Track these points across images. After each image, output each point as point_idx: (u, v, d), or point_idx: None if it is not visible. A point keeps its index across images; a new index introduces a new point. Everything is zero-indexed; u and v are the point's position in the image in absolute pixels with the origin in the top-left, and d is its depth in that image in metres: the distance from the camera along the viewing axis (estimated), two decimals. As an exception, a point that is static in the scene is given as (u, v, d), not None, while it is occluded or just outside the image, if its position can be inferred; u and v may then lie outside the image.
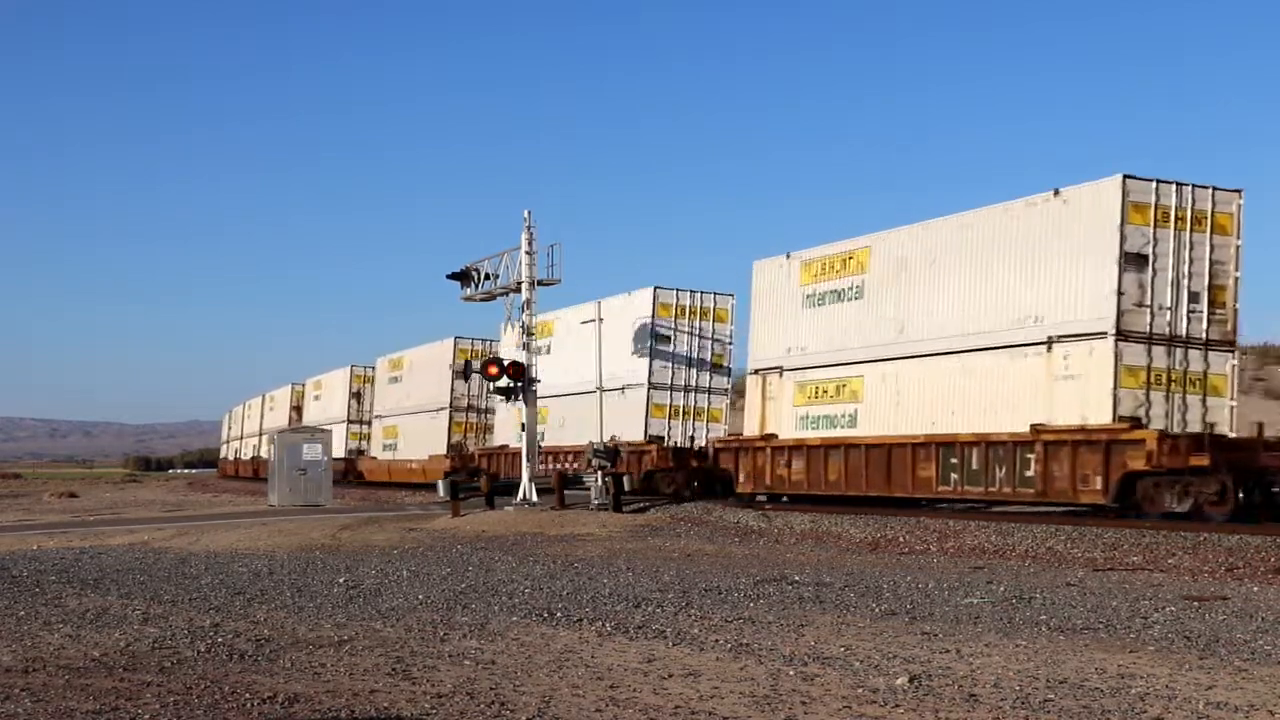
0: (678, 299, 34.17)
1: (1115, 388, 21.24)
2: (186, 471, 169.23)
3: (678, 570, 16.91)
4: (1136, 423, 21.08)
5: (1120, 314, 21.26)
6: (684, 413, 34.40)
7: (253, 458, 77.85)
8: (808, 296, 28.41)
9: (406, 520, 29.14)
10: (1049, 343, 22.37)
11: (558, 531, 25.31)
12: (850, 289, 27.21)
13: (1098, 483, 21.26)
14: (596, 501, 30.21)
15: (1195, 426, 21.72)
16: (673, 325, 34.11)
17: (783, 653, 9.74)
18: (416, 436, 52.66)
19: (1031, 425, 22.28)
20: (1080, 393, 21.74)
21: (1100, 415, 21.32)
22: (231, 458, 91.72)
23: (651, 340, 33.75)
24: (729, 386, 34.65)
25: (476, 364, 32.85)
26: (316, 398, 67.57)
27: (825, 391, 27.69)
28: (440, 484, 33.65)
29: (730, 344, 34.77)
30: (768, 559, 18.92)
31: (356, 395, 62.45)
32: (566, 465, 35.49)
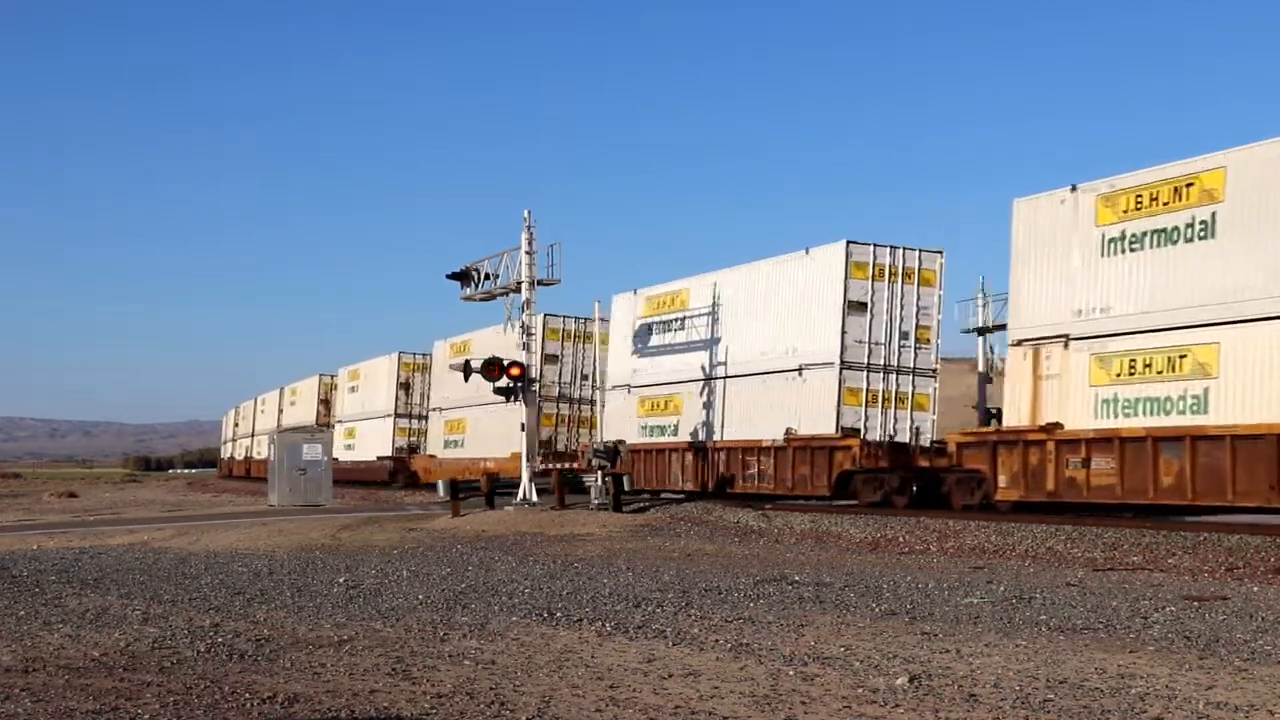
0: (875, 257, 28.85)
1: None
2: (186, 471, 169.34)
3: (678, 570, 16.91)
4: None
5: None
6: (884, 399, 28.95)
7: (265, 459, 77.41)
8: (1112, 240, 21.84)
9: (406, 520, 29.14)
10: None
11: (558, 531, 25.31)
12: (1190, 225, 20.61)
13: None
14: (596, 501, 30.21)
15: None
16: (869, 290, 28.80)
17: (783, 653, 9.74)
18: (491, 431, 44.93)
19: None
20: None
21: None
22: (240, 457, 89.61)
23: (844, 309, 28.72)
24: (936, 366, 29.90)
25: (476, 363, 32.79)
26: (353, 389, 62.12)
27: (1148, 365, 20.94)
28: (440, 484, 33.65)
29: (939, 314, 29.98)
30: (768, 559, 18.92)
31: (405, 386, 56.69)
32: (749, 467, 31.19)
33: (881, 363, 28.72)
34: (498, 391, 32.34)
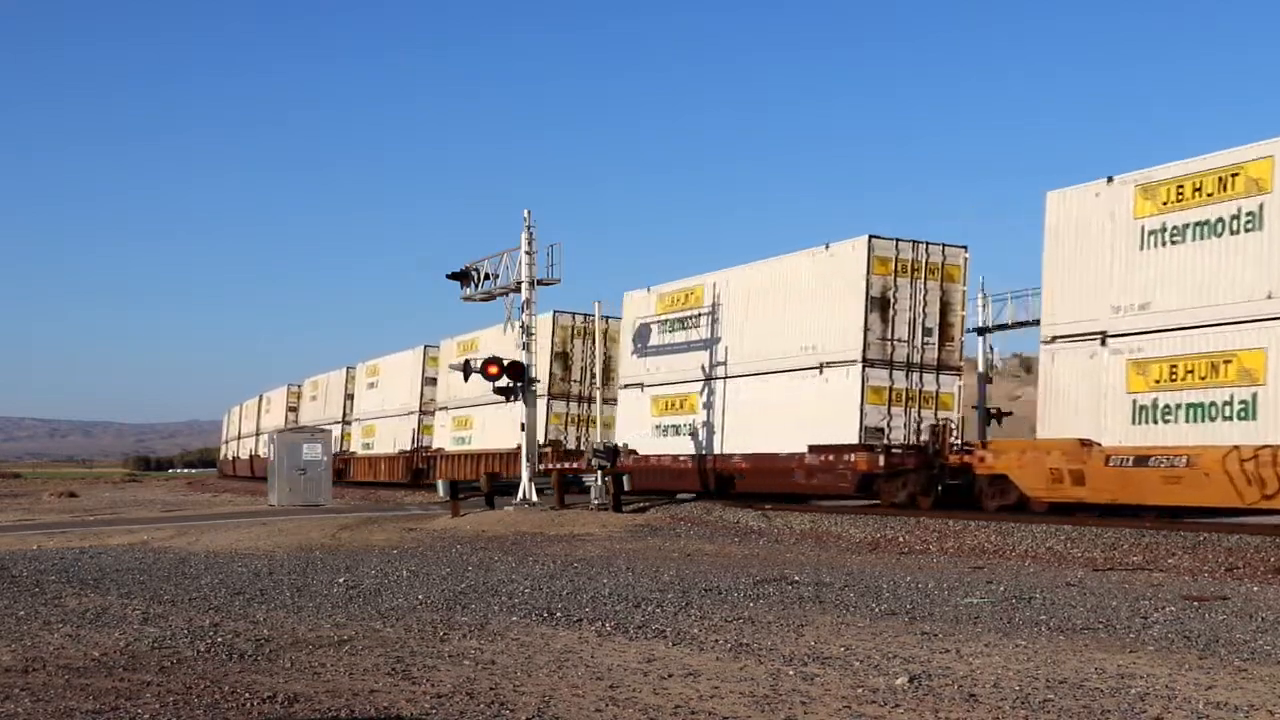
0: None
1: None
2: (186, 471, 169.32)
3: (678, 570, 16.90)
4: None
5: None
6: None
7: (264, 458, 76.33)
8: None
9: (406, 520, 29.14)
10: None
11: (558, 531, 25.31)
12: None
13: None
14: (596, 501, 30.20)
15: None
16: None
17: (783, 653, 9.74)
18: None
19: None
20: None
21: None
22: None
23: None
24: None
25: (477, 363, 32.79)
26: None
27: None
28: (440, 484, 33.67)
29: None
30: (768, 559, 18.92)
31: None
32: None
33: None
34: (498, 391, 32.35)
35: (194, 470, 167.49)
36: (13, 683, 8.71)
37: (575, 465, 35.01)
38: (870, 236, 28.16)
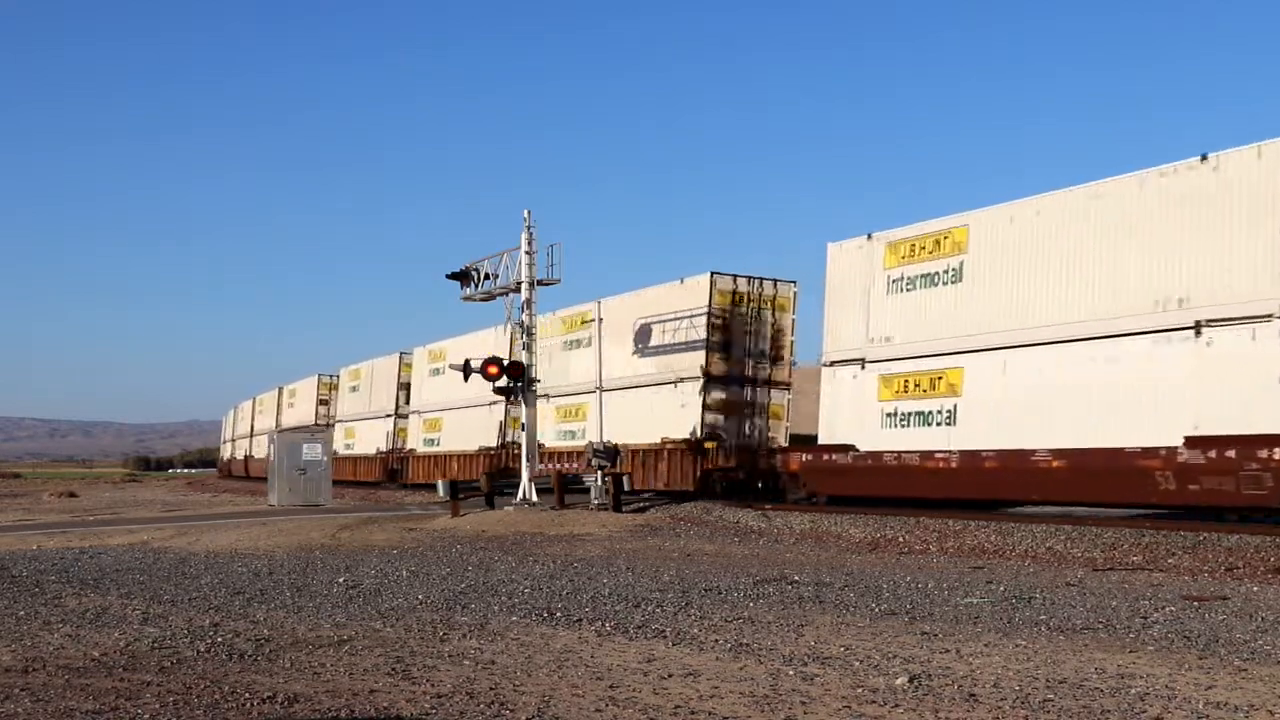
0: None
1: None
2: (186, 471, 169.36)
3: (677, 570, 16.91)
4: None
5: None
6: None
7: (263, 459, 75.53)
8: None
9: (406, 520, 29.14)
10: None
11: (557, 531, 25.32)
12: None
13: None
14: (596, 501, 30.20)
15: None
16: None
17: (783, 653, 9.74)
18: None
19: None
20: None
21: None
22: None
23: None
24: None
25: (476, 363, 32.79)
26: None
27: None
28: (440, 484, 33.68)
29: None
30: (768, 559, 18.92)
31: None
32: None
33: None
34: (498, 391, 32.39)
35: (194, 470, 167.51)
36: (13, 683, 8.71)
37: (743, 467, 32.73)
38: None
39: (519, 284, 32.32)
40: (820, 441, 28.15)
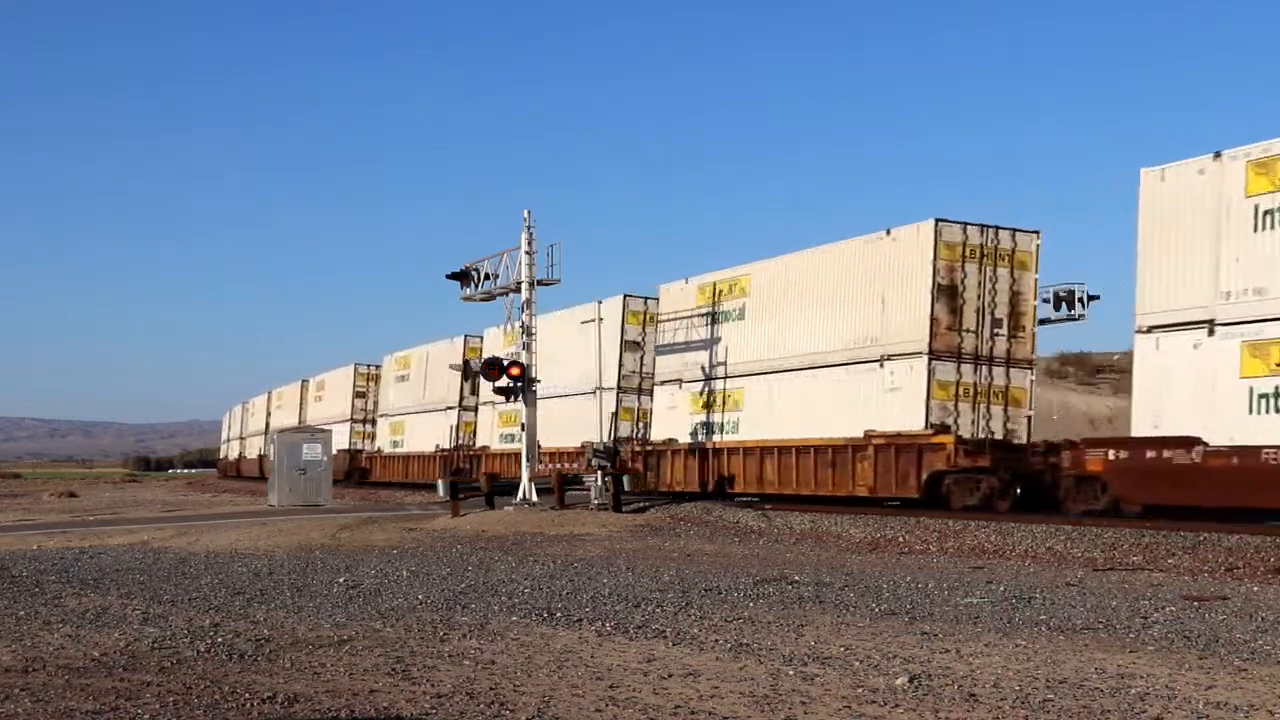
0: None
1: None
2: (186, 471, 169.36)
3: (678, 570, 16.90)
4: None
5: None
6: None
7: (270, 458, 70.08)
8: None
9: (406, 520, 29.14)
10: None
11: (558, 531, 25.31)
12: None
13: None
14: (596, 501, 30.20)
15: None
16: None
17: (783, 653, 9.74)
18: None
19: None
20: None
21: None
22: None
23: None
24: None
25: (476, 363, 32.79)
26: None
27: None
28: (440, 484, 33.67)
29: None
30: (768, 559, 18.92)
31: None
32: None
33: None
34: (498, 391, 32.37)
35: (194, 470, 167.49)
36: (13, 683, 8.71)
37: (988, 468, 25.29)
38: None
39: (519, 284, 32.33)
40: (1136, 433, 21.14)
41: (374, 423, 59.35)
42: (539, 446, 33.17)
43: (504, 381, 31.73)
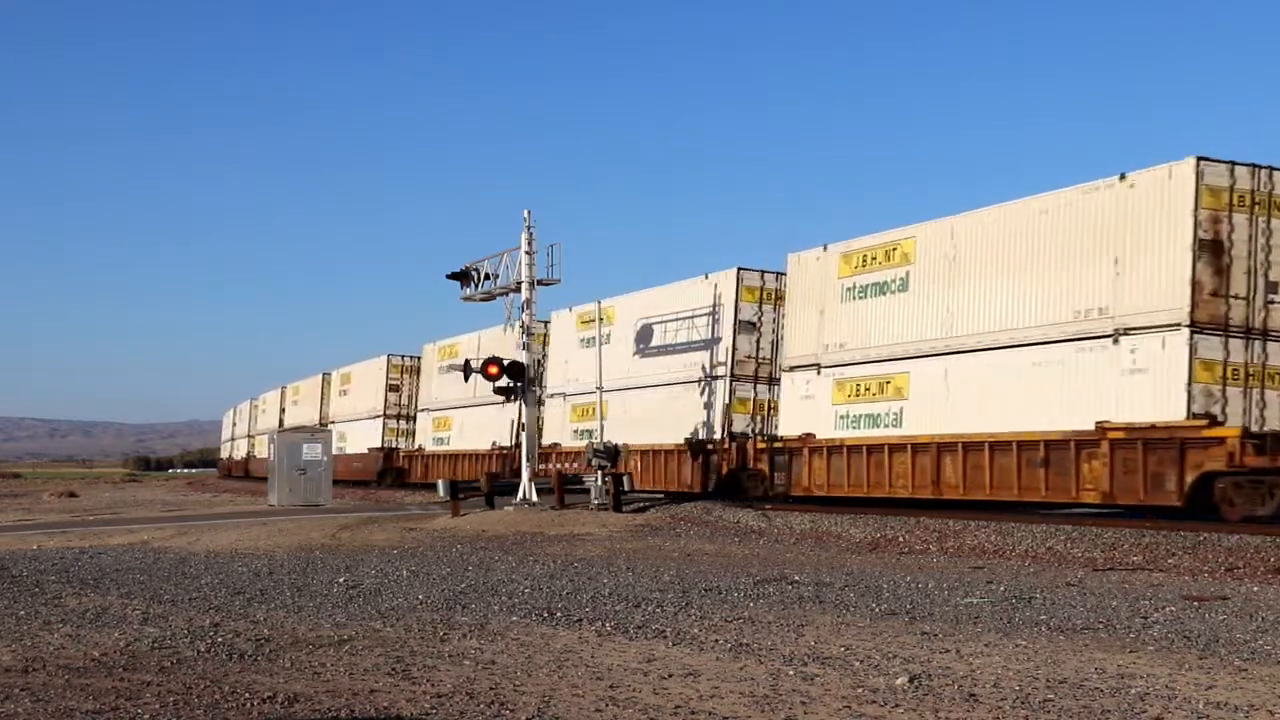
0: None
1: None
2: (186, 471, 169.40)
3: (678, 570, 16.90)
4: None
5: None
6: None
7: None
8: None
9: (406, 520, 29.14)
10: None
11: (558, 531, 25.31)
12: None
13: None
14: (596, 501, 30.20)
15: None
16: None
17: (783, 653, 9.74)
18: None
19: None
20: None
21: None
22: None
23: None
24: None
25: (476, 363, 32.80)
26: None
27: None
28: (440, 484, 33.67)
29: None
30: (768, 559, 18.92)
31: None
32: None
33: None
34: (498, 391, 32.37)
35: (194, 470, 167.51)
36: (13, 683, 8.70)
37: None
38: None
39: (519, 284, 32.33)
40: None
41: (412, 418, 54.54)
42: (626, 447, 30.90)
43: (504, 381, 31.73)
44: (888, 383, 26.69)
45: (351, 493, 48.84)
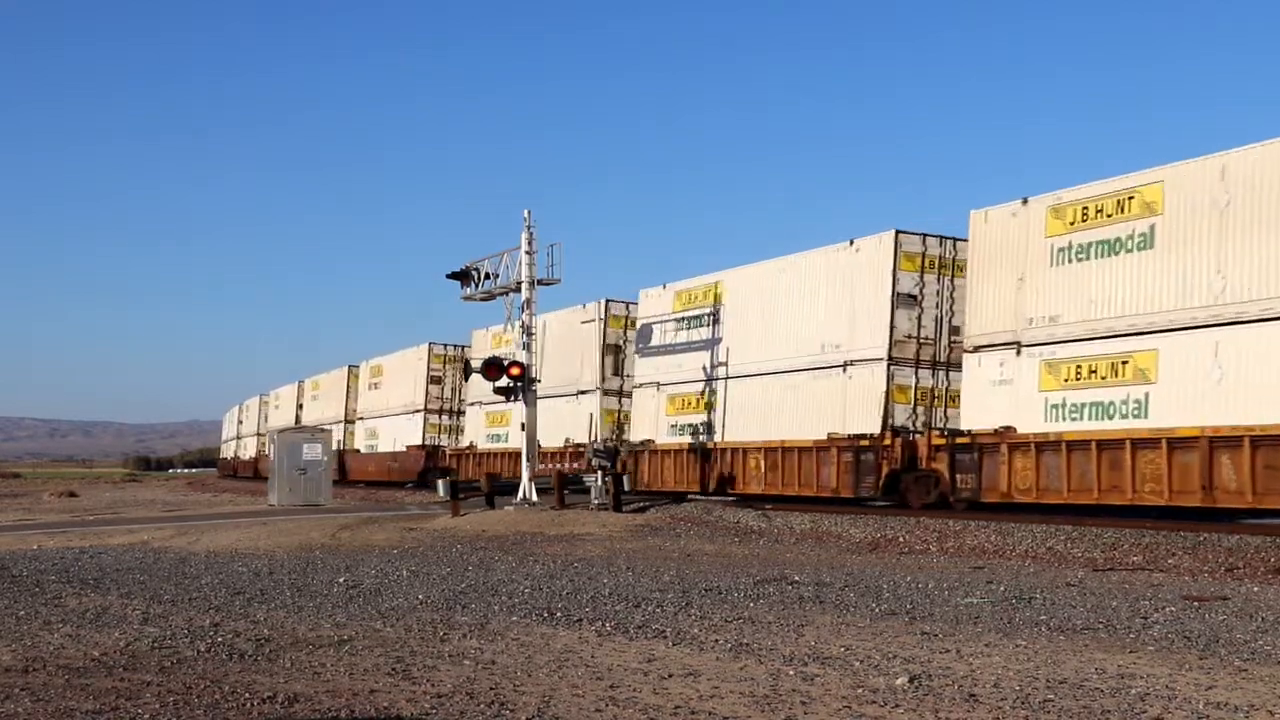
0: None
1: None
2: (186, 471, 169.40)
3: (678, 570, 16.91)
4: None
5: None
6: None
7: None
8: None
9: (406, 520, 29.14)
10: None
11: (558, 531, 25.32)
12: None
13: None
14: (596, 501, 30.20)
15: None
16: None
17: (783, 653, 9.74)
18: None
19: None
20: None
21: None
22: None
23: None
24: None
25: (476, 363, 32.79)
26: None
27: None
28: (440, 484, 33.67)
29: None
30: (768, 559, 18.92)
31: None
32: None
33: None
34: (498, 391, 32.37)
35: (194, 470, 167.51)
36: (13, 683, 8.71)
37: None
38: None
39: (519, 284, 32.34)
40: None
41: (459, 413, 48.52)
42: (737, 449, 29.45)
43: (503, 381, 31.72)
44: (1124, 363, 21.44)
45: (350, 493, 48.68)
